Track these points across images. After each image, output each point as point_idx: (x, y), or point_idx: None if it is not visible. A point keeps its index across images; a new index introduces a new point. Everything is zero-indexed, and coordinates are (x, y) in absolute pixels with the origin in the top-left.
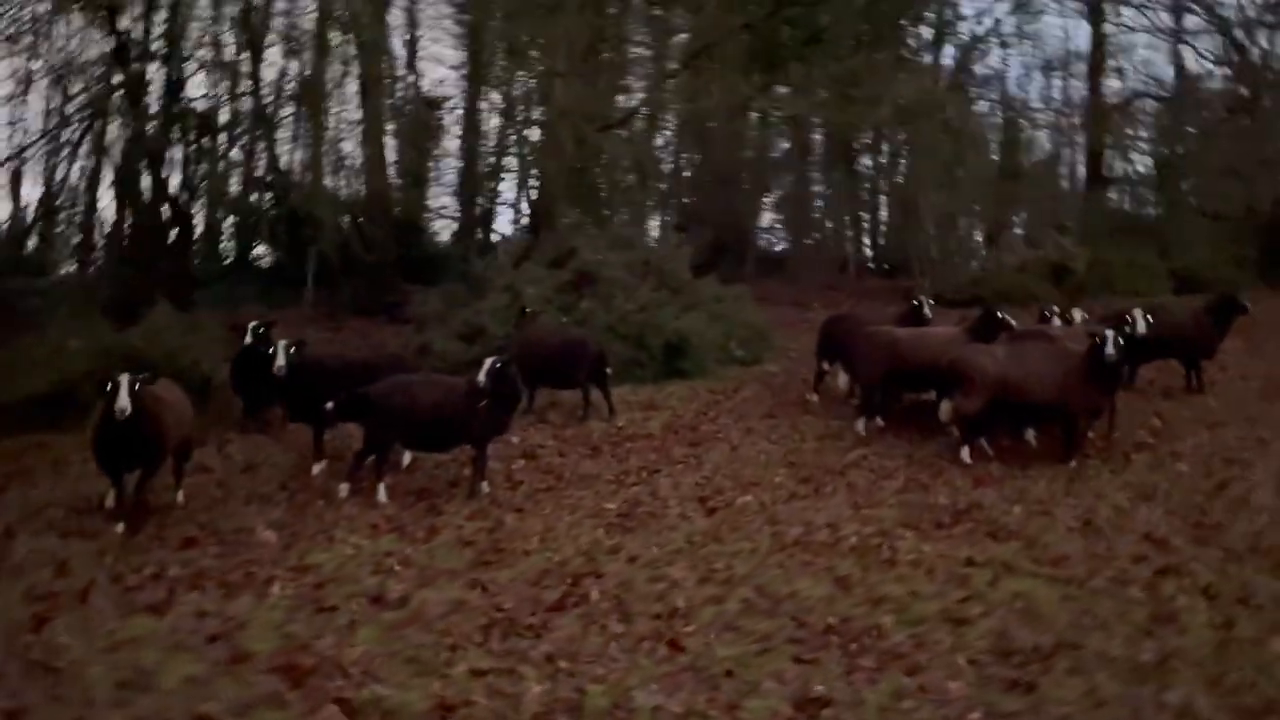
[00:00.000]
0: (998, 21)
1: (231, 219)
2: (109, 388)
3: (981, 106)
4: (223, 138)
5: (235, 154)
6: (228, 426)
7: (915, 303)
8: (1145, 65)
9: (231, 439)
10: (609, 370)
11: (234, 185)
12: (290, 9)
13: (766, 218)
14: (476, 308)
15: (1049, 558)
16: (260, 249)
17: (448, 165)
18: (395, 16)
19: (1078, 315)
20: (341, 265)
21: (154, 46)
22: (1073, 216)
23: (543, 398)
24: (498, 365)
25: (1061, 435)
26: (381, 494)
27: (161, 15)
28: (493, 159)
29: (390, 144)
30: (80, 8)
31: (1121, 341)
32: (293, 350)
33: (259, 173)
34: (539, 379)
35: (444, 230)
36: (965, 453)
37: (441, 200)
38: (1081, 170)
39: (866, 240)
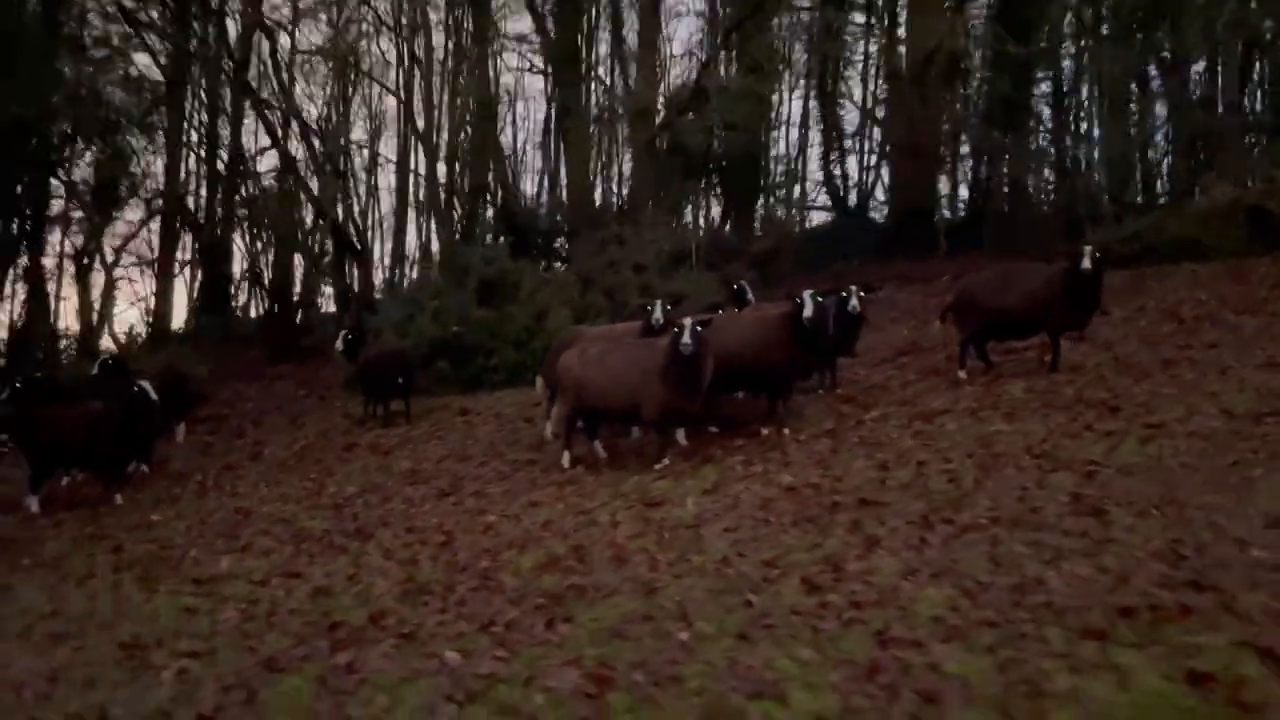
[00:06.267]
0: None
1: None
2: None
3: None
4: None
5: None
6: None
7: (736, 287)
8: None
9: None
10: (400, 381)
11: None
12: None
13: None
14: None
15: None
16: None
17: None
18: None
19: (806, 296)
20: None
21: None
22: None
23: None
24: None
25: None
26: (33, 506)
27: None
28: None
29: None
30: None
31: (700, 330)
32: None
33: None
34: (372, 392)
35: None
36: (565, 458)
37: None
38: None
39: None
